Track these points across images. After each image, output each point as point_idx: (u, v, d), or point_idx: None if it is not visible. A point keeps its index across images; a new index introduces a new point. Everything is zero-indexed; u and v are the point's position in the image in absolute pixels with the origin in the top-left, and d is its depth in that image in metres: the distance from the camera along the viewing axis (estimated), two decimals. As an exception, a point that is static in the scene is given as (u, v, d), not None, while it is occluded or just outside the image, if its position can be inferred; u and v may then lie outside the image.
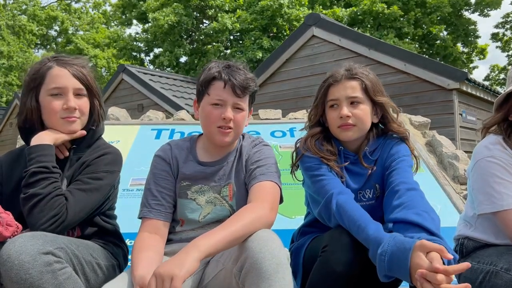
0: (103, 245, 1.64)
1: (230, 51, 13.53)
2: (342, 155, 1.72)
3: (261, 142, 1.73)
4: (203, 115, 1.63)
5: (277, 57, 8.55)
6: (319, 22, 8.01)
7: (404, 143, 1.73)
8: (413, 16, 14.57)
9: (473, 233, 1.73)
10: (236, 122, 1.60)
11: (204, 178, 1.66)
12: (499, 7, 18.46)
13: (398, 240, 1.32)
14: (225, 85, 1.57)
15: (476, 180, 1.67)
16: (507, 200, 1.56)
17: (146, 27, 16.32)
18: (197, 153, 1.70)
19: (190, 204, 1.64)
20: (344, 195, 1.55)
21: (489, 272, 1.51)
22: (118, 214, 1.88)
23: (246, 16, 12.89)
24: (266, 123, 3.70)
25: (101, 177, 1.59)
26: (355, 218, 1.45)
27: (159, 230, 1.58)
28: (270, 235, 1.32)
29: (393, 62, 7.13)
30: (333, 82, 1.70)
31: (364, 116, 1.68)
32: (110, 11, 24.91)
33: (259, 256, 1.23)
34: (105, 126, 1.79)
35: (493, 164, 1.61)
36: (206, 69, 1.63)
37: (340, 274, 1.37)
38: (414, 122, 3.56)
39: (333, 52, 7.87)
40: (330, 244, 1.44)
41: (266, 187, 1.53)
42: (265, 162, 1.62)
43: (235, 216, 1.38)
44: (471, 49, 19.50)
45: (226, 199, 1.65)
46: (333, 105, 1.69)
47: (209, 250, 1.25)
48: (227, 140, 1.61)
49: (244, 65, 1.67)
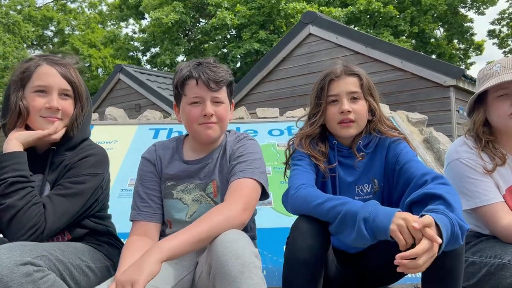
0: (96, 247, 1.62)
1: (228, 48, 13.54)
2: (335, 148, 1.73)
3: (246, 137, 1.72)
4: (184, 116, 1.63)
5: (274, 55, 8.55)
6: (316, 20, 8.01)
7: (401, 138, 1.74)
8: (409, 15, 14.62)
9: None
10: (219, 115, 1.60)
11: (189, 177, 1.65)
12: (495, 4, 18.50)
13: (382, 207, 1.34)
14: (197, 82, 1.56)
15: (450, 182, 1.74)
16: (479, 198, 1.66)
17: (144, 26, 16.30)
18: (183, 152, 1.70)
19: (176, 204, 1.64)
20: (306, 185, 1.56)
21: (495, 265, 1.54)
22: (116, 214, 1.87)
23: (245, 11, 12.89)
24: (264, 122, 3.71)
25: (83, 181, 1.55)
26: (319, 195, 1.47)
27: (149, 232, 1.58)
28: (235, 236, 1.30)
29: (390, 59, 7.14)
30: (334, 78, 1.70)
31: (363, 112, 1.70)
32: (106, 11, 24.81)
33: (223, 259, 1.22)
34: (102, 127, 1.79)
35: (462, 166, 1.72)
36: (178, 71, 1.63)
37: (302, 260, 1.39)
38: (411, 119, 3.58)
39: (330, 50, 7.86)
40: (291, 233, 1.47)
41: (243, 185, 1.51)
42: (247, 158, 1.60)
43: (203, 217, 1.37)
44: (467, 45, 19.54)
45: (210, 196, 1.64)
46: (333, 100, 1.70)
47: (171, 252, 1.25)
48: (212, 134, 1.61)
49: (214, 59, 1.67)
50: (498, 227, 1.63)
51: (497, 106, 1.72)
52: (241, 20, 12.80)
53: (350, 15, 13.23)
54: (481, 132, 1.75)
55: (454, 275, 1.37)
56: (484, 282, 1.59)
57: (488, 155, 1.72)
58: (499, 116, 1.71)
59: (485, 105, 1.77)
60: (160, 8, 13.31)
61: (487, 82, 1.73)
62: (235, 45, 13.11)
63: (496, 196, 1.66)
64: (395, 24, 13.97)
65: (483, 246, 1.68)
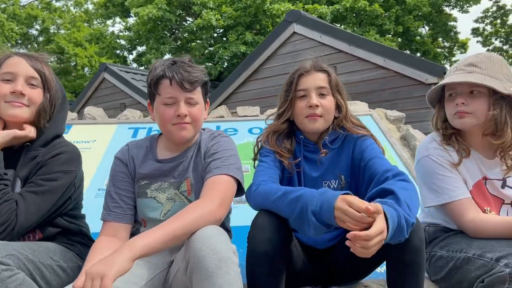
0: (68, 246, 1.62)
1: (214, 48, 13.50)
2: (301, 143, 1.75)
3: (220, 134, 1.73)
4: (158, 116, 1.63)
5: (259, 54, 8.55)
6: (300, 19, 8.04)
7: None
8: (393, 14, 14.75)
9: (432, 220, 1.86)
10: (193, 116, 1.60)
11: (163, 175, 1.65)
12: (479, 2, 18.72)
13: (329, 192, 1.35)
14: (171, 82, 1.56)
15: (420, 177, 1.82)
16: (448, 194, 1.69)
17: (129, 24, 16.17)
18: (157, 151, 1.70)
19: (150, 203, 1.64)
20: (266, 181, 1.58)
21: (460, 259, 1.58)
22: (93, 214, 1.87)
23: (231, 12, 12.88)
24: (244, 120, 3.72)
25: (56, 178, 1.55)
26: (276, 189, 1.49)
27: (118, 232, 1.58)
28: (213, 231, 1.31)
29: (373, 58, 7.19)
30: (304, 73, 1.73)
31: (331, 108, 1.73)
32: (92, 9, 24.56)
33: (200, 254, 1.23)
34: (81, 126, 1.77)
35: (431, 162, 1.75)
36: (152, 69, 1.62)
37: (262, 253, 1.41)
38: (389, 117, 3.63)
39: (314, 48, 7.89)
40: (251, 228, 1.49)
41: (218, 181, 1.51)
42: (222, 155, 1.60)
43: (178, 214, 1.37)
44: (452, 43, 19.76)
45: (184, 194, 1.64)
46: (302, 95, 1.72)
47: (144, 250, 1.25)
48: (186, 135, 1.61)
49: (189, 59, 1.66)
50: (464, 222, 1.66)
51: (447, 105, 1.76)
52: (227, 21, 12.78)
53: (336, 12, 13.29)
54: (443, 127, 1.80)
55: (414, 269, 1.40)
56: (451, 275, 1.63)
57: (454, 148, 1.75)
58: (449, 115, 1.76)
59: (443, 102, 1.81)
60: (144, 6, 13.22)
61: (441, 82, 1.77)
62: (222, 46, 13.09)
63: (463, 192, 1.69)
64: (381, 23, 14.09)
65: (450, 240, 1.72)
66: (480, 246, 1.53)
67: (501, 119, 1.67)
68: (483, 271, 1.46)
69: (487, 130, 1.72)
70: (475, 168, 1.75)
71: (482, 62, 1.71)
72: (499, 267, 1.40)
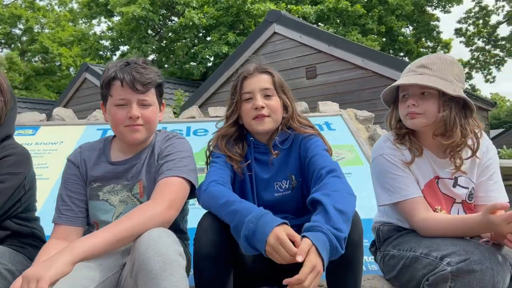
0: (18, 249, 1.61)
1: (197, 48, 13.46)
2: (252, 145, 1.76)
3: (175, 136, 1.72)
4: (110, 117, 1.61)
5: (240, 54, 8.57)
6: (280, 19, 8.08)
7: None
8: (376, 14, 14.86)
9: (386, 219, 1.88)
10: (145, 118, 1.60)
11: (116, 178, 1.64)
12: (461, 3, 18.96)
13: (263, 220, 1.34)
14: (122, 83, 1.55)
15: (374, 176, 1.83)
16: (400, 193, 1.71)
17: (112, 24, 16.05)
18: (110, 153, 1.69)
19: (102, 206, 1.63)
20: (216, 182, 1.58)
21: (409, 258, 1.59)
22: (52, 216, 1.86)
23: (213, 12, 12.87)
24: (216, 121, 3.71)
25: (3, 180, 1.54)
26: (221, 195, 1.49)
27: (68, 235, 1.57)
28: (160, 233, 1.30)
29: (352, 58, 7.26)
30: (247, 75, 1.74)
31: (277, 107, 1.74)
32: (77, 9, 24.32)
33: (145, 256, 1.22)
34: (50, 127, 1.75)
35: (384, 162, 1.77)
36: (105, 70, 1.61)
37: (205, 254, 1.42)
38: (359, 117, 3.66)
39: (295, 49, 7.95)
40: (197, 230, 1.49)
41: (169, 183, 1.51)
42: (175, 157, 1.60)
43: (125, 216, 1.37)
44: (436, 43, 19.97)
45: (137, 196, 1.63)
46: (247, 98, 1.73)
47: (85, 253, 1.24)
48: (138, 137, 1.61)
49: (144, 60, 1.65)
50: (415, 221, 1.68)
51: (400, 106, 1.77)
52: (209, 21, 12.76)
53: (319, 12, 13.36)
54: (397, 127, 1.81)
55: (353, 264, 1.44)
56: (402, 274, 1.65)
57: (407, 147, 1.77)
58: (401, 115, 1.77)
59: (397, 103, 1.83)
60: (127, 6, 13.14)
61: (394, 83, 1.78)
62: (204, 46, 13.07)
63: (415, 191, 1.71)
64: (363, 22, 14.20)
65: (402, 240, 1.73)
66: (428, 245, 1.55)
67: (450, 120, 1.69)
68: (429, 270, 1.47)
69: (437, 131, 1.74)
70: (428, 167, 1.76)
71: (433, 63, 1.73)
72: (442, 265, 1.42)
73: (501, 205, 1.38)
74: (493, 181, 1.77)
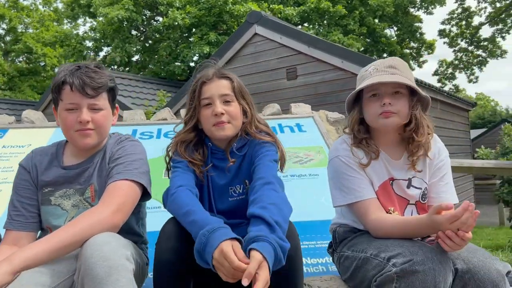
0: None
1: (179, 48, 13.41)
2: (210, 150, 1.74)
3: (127, 138, 1.71)
4: (61, 121, 1.61)
5: (222, 54, 8.56)
6: (261, 20, 8.09)
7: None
8: (357, 14, 14.96)
9: (343, 220, 1.89)
10: (96, 122, 1.59)
11: (68, 182, 1.63)
12: (444, 4, 19.19)
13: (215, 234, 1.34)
14: (72, 88, 1.54)
15: (330, 178, 1.85)
16: (354, 194, 1.73)
17: (95, 25, 15.92)
18: (63, 158, 1.68)
19: (54, 210, 1.62)
20: (184, 187, 1.57)
21: (361, 259, 1.62)
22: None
23: (196, 12, 12.83)
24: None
25: None
26: (184, 204, 1.49)
27: (19, 241, 1.55)
28: (105, 238, 1.30)
29: (331, 59, 7.31)
30: (206, 81, 1.71)
31: (237, 114, 1.71)
32: (62, 8, 24.07)
33: (90, 262, 1.22)
34: (19, 130, 1.72)
35: (340, 163, 1.78)
36: (57, 74, 1.60)
37: (166, 261, 1.42)
38: (329, 119, 3.69)
39: (275, 50, 7.97)
40: (159, 235, 1.49)
41: (118, 187, 1.51)
42: (125, 160, 1.59)
43: (70, 222, 1.36)
44: (420, 44, 20.17)
45: (88, 200, 1.63)
46: (206, 104, 1.69)
47: (27, 262, 1.24)
48: (89, 142, 1.60)
49: (96, 63, 1.64)
50: (368, 222, 1.70)
51: (370, 106, 1.77)
52: (192, 20, 12.71)
53: (302, 13, 13.41)
54: (357, 130, 1.82)
55: (289, 275, 1.44)
56: (355, 275, 1.67)
57: (363, 151, 1.79)
58: (371, 115, 1.76)
59: (360, 105, 1.84)
60: (110, 6, 13.04)
61: (361, 84, 1.78)
62: (187, 46, 13.02)
63: (369, 193, 1.73)
64: (345, 23, 14.28)
65: (356, 241, 1.75)
66: (377, 246, 1.57)
67: (420, 119, 1.75)
68: (377, 271, 1.50)
69: (407, 131, 1.77)
70: (383, 169, 1.79)
71: (399, 65, 1.76)
72: (388, 266, 1.44)
73: (446, 205, 1.41)
74: (444, 182, 1.81)
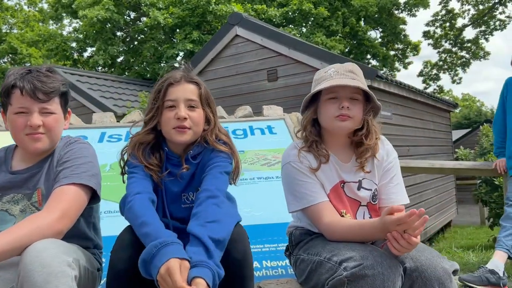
0: None
1: (163, 48, 13.35)
2: (165, 155, 1.71)
3: (76, 141, 1.70)
4: (10, 125, 1.59)
5: (203, 56, 8.55)
6: (242, 21, 8.10)
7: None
8: (340, 16, 15.02)
9: (299, 223, 1.91)
10: (47, 126, 1.58)
11: (16, 187, 1.62)
12: (428, 6, 19.39)
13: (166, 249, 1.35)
14: (22, 92, 1.53)
15: (283, 184, 1.86)
16: (306, 199, 1.74)
17: (77, 26, 15.80)
18: (11, 162, 1.66)
19: (2, 216, 1.60)
20: (141, 195, 1.56)
21: (315, 262, 1.63)
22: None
23: (179, 13, 12.80)
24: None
25: None
26: (140, 214, 1.48)
27: None
28: (46, 245, 1.29)
29: (311, 61, 7.34)
30: (173, 83, 1.67)
31: (200, 120, 1.69)
32: (48, 8, 23.82)
33: (29, 269, 1.21)
34: None
35: (292, 169, 1.79)
36: (6, 77, 1.58)
37: (120, 271, 1.41)
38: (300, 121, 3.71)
39: (256, 51, 7.99)
40: (115, 243, 1.48)
41: (63, 192, 1.49)
42: (73, 163, 1.58)
43: (11, 228, 1.35)
44: (405, 46, 20.35)
45: (35, 205, 1.61)
46: (170, 105, 1.66)
47: None
48: (39, 146, 1.58)
49: (48, 67, 1.63)
50: (321, 225, 1.71)
51: (327, 108, 1.77)
52: (175, 21, 12.68)
53: (285, 14, 13.45)
54: (309, 131, 1.82)
55: (237, 281, 1.46)
56: (310, 278, 1.68)
57: (313, 155, 1.80)
58: (327, 117, 1.77)
59: (316, 106, 1.83)
60: (91, 8, 12.94)
61: (320, 84, 1.78)
62: (170, 46, 12.97)
63: (321, 197, 1.74)
64: (328, 24, 14.34)
65: (312, 244, 1.76)
66: (331, 250, 1.59)
67: (370, 124, 1.79)
68: (329, 274, 1.51)
69: (357, 136, 1.80)
70: (333, 172, 1.80)
71: (357, 71, 1.80)
72: (340, 270, 1.46)
73: (397, 207, 1.43)
74: (394, 184, 1.83)
